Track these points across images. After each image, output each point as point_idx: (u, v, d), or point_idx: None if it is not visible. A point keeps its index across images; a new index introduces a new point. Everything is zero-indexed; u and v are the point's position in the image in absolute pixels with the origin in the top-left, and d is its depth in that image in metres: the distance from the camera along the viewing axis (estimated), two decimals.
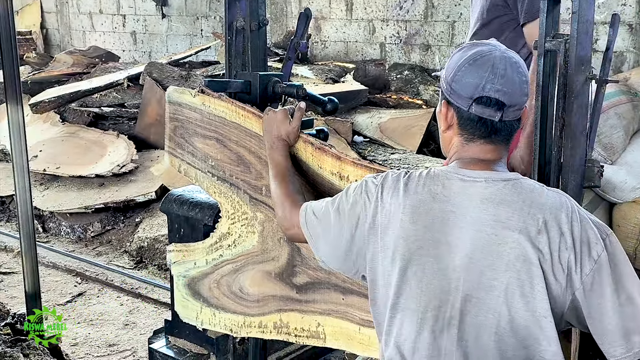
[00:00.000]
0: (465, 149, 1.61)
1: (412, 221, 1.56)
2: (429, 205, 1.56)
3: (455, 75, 1.58)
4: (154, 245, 5.10)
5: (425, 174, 1.62)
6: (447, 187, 1.57)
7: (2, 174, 6.45)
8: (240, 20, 2.46)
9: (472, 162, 1.60)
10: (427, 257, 1.55)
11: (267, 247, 2.30)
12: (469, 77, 1.56)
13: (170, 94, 2.49)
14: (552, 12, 1.90)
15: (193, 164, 2.46)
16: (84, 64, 8.11)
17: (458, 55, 1.61)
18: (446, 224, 1.54)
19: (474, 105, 1.55)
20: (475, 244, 1.51)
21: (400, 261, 1.57)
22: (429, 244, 1.55)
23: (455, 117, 1.61)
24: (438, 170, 1.61)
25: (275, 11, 7.96)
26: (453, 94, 1.59)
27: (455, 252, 1.53)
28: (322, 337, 2.21)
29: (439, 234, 1.54)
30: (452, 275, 1.52)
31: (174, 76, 6.61)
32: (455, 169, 1.59)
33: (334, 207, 1.73)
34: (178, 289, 2.56)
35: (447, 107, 1.62)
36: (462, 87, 1.56)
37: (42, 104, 6.80)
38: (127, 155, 5.99)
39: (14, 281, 4.70)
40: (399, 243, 1.57)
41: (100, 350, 3.82)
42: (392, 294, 1.59)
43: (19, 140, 2.99)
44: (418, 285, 1.55)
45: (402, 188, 1.61)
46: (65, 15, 10.62)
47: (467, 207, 1.54)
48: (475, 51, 1.59)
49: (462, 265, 1.52)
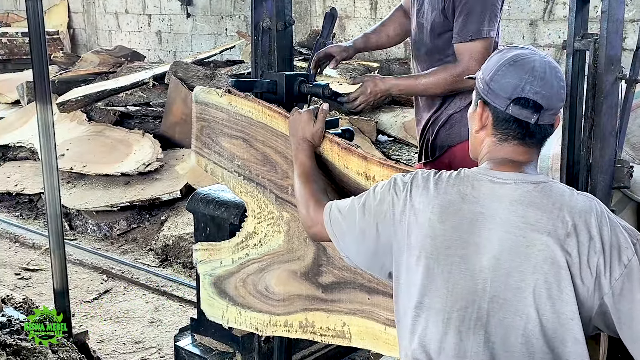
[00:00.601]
0: (498, 149, 1.61)
1: (441, 221, 1.56)
2: (458, 205, 1.56)
3: (495, 75, 1.58)
4: (179, 243, 5.13)
5: (455, 174, 1.62)
6: (477, 188, 1.57)
7: (29, 172, 6.54)
8: (266, 21, 2.47)
9: (503, 162, 1.60)
10: (455, 257, 1.54)
11: (293, 247, 2.30)
12: (508, 78, 1.56)
13: (197, 93, 2.50)
14: (581, 11, 1.89)
15: (219, 164, 2.48)
16: (110, 63, 8.18)
17: (497, 57, 1.61)
18: (475, 225, 1.54)
19: (511, 106, 1.56)
20: (503, 246, 1.51)
21: (427, 260, 1.57)
22: (457, 245, 1.55)
23: (490, 118, 1.61)
24: (468, 171, 1.61)
25: (299, 10, 7.97)
26: (490, 94, 1.59)
27: (483, 253, 1.52)
28: (348, 337, 2.21)
29: (467, 235, 1.54)
30: (480, 277, 1.52)
31: (199, 75, 6.65)
32: (485, 170, 1.59)
33: (360, 204, 1.73)
34: (204, 288, 2.58)
35: (483, 107, 1.62)
36: (501, 87, 1.57)
37: (69, 103, 6.88)
38: (153, 153, 6.03)
39: (42, 278, 4.76)
40: (426, 242, 1.57)
41: (126, 347, 3.86)
42: (417, 293, 1.59)
43: (48, 139, 3.02)
44: (444, 285, 1.55)
45: (432, 187, 1.61)
46: (91, 15, 10.72)
47: (496, 208, 1.53)
48: (515, 53, 1.59)
49: (490, 266, 1.51)
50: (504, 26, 6.42)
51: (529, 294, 1.48)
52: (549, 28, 6.20)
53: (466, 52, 2.53)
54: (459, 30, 2.54)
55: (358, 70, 6.63)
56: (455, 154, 2.70)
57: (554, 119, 1.59)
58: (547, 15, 6.21)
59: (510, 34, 6.41)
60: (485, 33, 2.52)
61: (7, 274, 4.88)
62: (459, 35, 2.54)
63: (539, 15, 6.25)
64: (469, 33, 2.51)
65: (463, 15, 2.52)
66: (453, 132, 2.69)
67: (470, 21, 2.51)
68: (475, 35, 2.51)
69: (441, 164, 2.68)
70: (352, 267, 1.85)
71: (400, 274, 1.64)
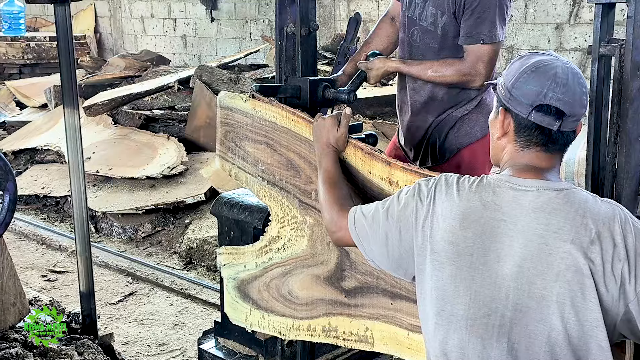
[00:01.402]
0: (519, 155, 1.61)
1: (462, 228, 1.56)
2: (480, 213, 1.56)
3: (517, 82, 1.57)
4: (203, 246, 5.16)
5: (477, 181, 1.61)
6: (498, 195, 1.56)
7: (56, 175, 6.61)
8: (290, 26, 2.48)
9: (525, 169, 1.59)
10: (477, 264, 1.54)
11: (316, 251, 2.31)
12: (530, 85, 1.55)
13: (222, 98, 2.52)
14: (607, 16, 1.87)
15: (243, 168, 2.49)
16: (136, 67, 8.25)
17: (519, 63, 1.61)
18: (496, 232, 1.54)
19: (533, 113, 1.55)
20: (526, 253, 1.50)
21: (449, 267, 1.57)
22: (479, 252, 1.54)
23: (512, 125, 1.60)
24: (490, 178, 1.61)
25: (323, 14, 7.99)
26: (512, 101, 1.58)
27: (505, 261, 1.52)
28: (371, 342, 2.21)
29: (489, 242, 1.54)
30: (502, 284, 1.52)
31: (223, 79, 6.68)
32: (507, 177, 1.59)
33: (384, 209, 1.73)
34: (228, 291, 2.59)
35: (505, 114, 1.62)
36: (523, 94, 1.56)
37: (95, 106, 6.95)
38: (177, 157, 6.07)
39: (68, 280, 4.82)
40: (448, 249, 1.57)
41: (151, 349, 3.89)
42: (440, 299, 1.59)
43: (75, 142, 3.06)
44: (467, 293, 1.55)
45: (454, 194, 1.61)
46: (118, 20, 10.83)
47: (517, 216, 1.53)
48: (537, 60, 1.58)
49: (512, 274, 1.51)
50: (529, 30, 6.39)
51: (552, 302, 1.47)
52: (575, 32, 6.15)
53: (475, 54, 2.55)
54: (469, 32, 2.54)
55: None
56: (464, 156, 2.70)
57: (576, 125, 1.59)
58: (573, 19, 6.16)
59: (535, 38, 6.37)
60: (497, 37, 2.54)
61: (34, 276, 4.94)
62: (470, 37, 2.55)
63: (564, 19, 6.20)
64: (481, 36, 2.52)
65: (475, 17, 2.53)
66: (461, 135, 2.69)
67: (482, 24, 2.52)
68: (487, 39, 2.53)
69: (450, 166, 2.67)
70: (378, 270, 1.86)
71: (423, 280, 1.64)
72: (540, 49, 6.31)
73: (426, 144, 2.75)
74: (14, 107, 8.75)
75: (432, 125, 2.72)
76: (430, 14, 2.63)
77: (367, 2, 7.67)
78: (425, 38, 2.67)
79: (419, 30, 2.69)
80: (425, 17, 2.65)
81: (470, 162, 2.67)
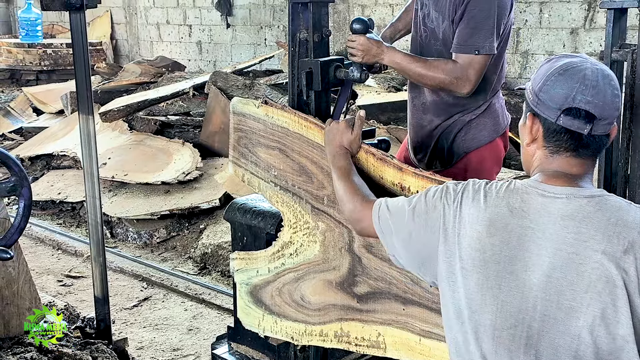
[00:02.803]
0: (549, 162, 1.55)
1: (489, 234, 1.52)
2: (507, 219, 1.52)
3: (544, 85, 1.52)
4: (217, 251, 5.17)
5: (505, 186, 1.57)
6: (526, 201, 1.52)
7: (72, 181, 6.66)
8: (303, 32, 2.49)
9: (555, 175, 1.54)
10: (504, 273, 1.50)
11: (328, 257, 2.32)
12: (558, 88, 1.50)
13: (235, 104, 2.54)
14: (619, 21, 1.87)
15: (256, 174, 2.50)
16: (152, 73, 8.30)
17: (547, 66, 1.55)
18: (523, 240, 1.49)
19: (562, 117, 1.49)
20: (555, 263, 1.45)
21: (475, 274, 1.53)
22: (506, 260, 1.50)
23: (540, 130, 1.55)
24: (519, 184, 1.56)
25: (337, 20, 8.01)
26: (540, 105, 1.53)
27: (533, 270, 1.47)
28: (383, 347, 2.21)
29: (516, 251, 1.49)
30: (530, 294, 1.47)
31: (238, 85, 6.71)
32: (535, 184, 1.54)
33: (411, 207, 1.70)
34: (241, 296, 2.60)
35: (533, 119, 1.56)
36: (551, 97, 1.51)
37: (111, 112, 7.00)
38: (192, 162, 6.10)
39: (83, 285, 4.85)
40: (475, 256, 1.53)
41: (165, 354, 3.90)
42: (466, 307, 1.55)
43: (90, 149, 3.08)
44: (493, 302, 1.51)
45: (481, 199, 1.56)
46: (134, 26, 10.91)
47: (546, 223, 1.48)
48: (565, 62, 1.53)
49: (540, 284, 1.46)
50: (544, 35, 6.36)
51: (581, 314, 1.43)
52: (590, 36, 6.12)
53: (467, 63, 2.51)
54: (463, 41, 2.51)
55: (396, 80, 6.63)
56: (472, 160, 2.68)
57: (610, 129, 1.52)
58: (588, 24, 6.13)
59: (550, 43, 6.35)
60: (489, 49, 2.50)
61: (49, 281, 4.97)
62: (464, 46, 2.51)
63: (579, 24, 6.18)
64: (475, 47, 2.49)
65: (470, 27, 2.50)
66: (468, 139, 2.68)
67: (477, 35, 2.49)
68: (482, 50, 2.49)
69: (457, 170, 2.66)
70: (398, 266, 1.83)
71: (449, 286, 1.60)
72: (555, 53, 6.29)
73: (434, 148, 2.75)
74: (30, 113, 8.83)
75: (440, 128, 2.71)
76: (434, 17, 2.64)
77: (381, 7, 7.68)
78: (431, 39, 2.67)
79: (427, 30, 2.69)
80: (431, 19, 2.66)
81: (477, 166, 2.66)
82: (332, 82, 2.46)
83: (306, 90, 2.44)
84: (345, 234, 2.25)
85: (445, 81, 2.53)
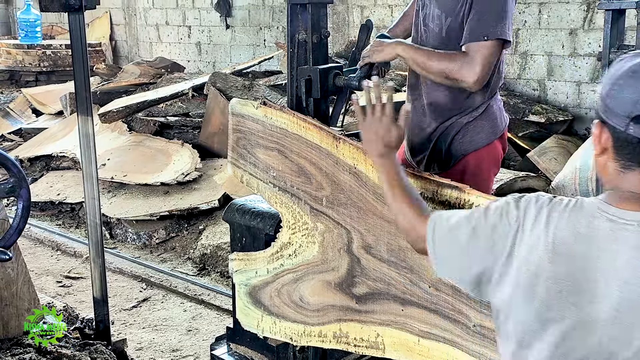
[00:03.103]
0: (621, 179, 1.37)
1: (551, 261, 1.38)
2: (571, 246, 1.37)
3: (612, 89, 1.35)
4: (216, 252, 5.18)
5: (571, 205, 1.42)
6: (593, 227, 1.36)
7: (72, 182, 6.66)
8: (302, 33, 2.49)
9: (628, 198, 1.36)
10: (567, 304, 1.36)
11: (327, 257, 2.32)
12: (626, 92, 1.32)
13: (234, 105, 2.54)
14: (617, 22, 1.87)
15: (255, 175, 2.51)
16: (151, 74, 8.31)
17: (616, 67, 1.38)
18: (588, 270, 1.35)
19: (632, 125, 1.31)
20: (624, 297, 1.31)
21: (537, 303, 1.40)
22: (569, 290, 1.36)
23: (610, 140, 1.36)
24: (587, 203, 1.41)
25: (337, 21, 8.00)
26: (608, 112, 1.35)
27: (599, 303, 1.34)
28: (382, 348, 2.22)
29: (581, 281, 1.35)
30: (595, 329, 1.34)
31: (237, 86, 6.71)
32: (604, 205, 1.38)
33: (470, 227, 1.54)
34: (240, 297, 2.61)
35: (601, 127, 1.38)
36: (619, 103, 1.33)
37: (110, 113, 7.00)
38: (191, 163, 6.10)
39: (82, 286, 4.85)
40: (537, 282, 1.39)
41: (164, 355, 3.90)
42: (525, 335, 1.43)
43: (88, 150, 3.08)
44: (554, 334, 1.38)
45: (544, 220, 1.42)
46: (133, 27, 10.91)
47: (614, 252, 1.33)
48: (636, 62, 1.34)
49: (607, 319, 1.33)
50: (542, 35, 6.36)
51: None
52: (589, 37, 6.12)
53: (474, 50, 2.43)
54: (471, 30, 2.45)
55: (396, 81, 6.63)
56: (469, 162, 2.67)
57: None
58: (587, 24, 6.13)
59: (549, 44, 6.35)
60: (500, 34, 2.42)
61: (49, 282, 4.98)
62: (471, 35, 2.44)
63: (579, 24, 6.18)
64: (484, 33, 2.41)
65: (477, 16, 2.44)
66: (466, 141, 2.66)
67: (485, 21, 2.42)
68: (491, 36, 2.41)
69: (455, 172, 2.65)
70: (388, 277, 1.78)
71: (506, 311, 1.47)
72: (554, 54, 6.29)
73: (432, 150, 2.74)
74: (30, 114, 8.84)
75: (438, 131, 2.70)
76: (436, 15, 2.61)
77: (380, 9, 7.68)
78: (432, 40, 2.66)
79: (427, 31, 2.68)
80: (432, 18, 2.63)
81: (475, 168, 2.65)
82: (331, 89, 2.46)
83: (305, 97, 2.45)
84: (344, 235, 2.25)
85: (452, 70, 2.44)
